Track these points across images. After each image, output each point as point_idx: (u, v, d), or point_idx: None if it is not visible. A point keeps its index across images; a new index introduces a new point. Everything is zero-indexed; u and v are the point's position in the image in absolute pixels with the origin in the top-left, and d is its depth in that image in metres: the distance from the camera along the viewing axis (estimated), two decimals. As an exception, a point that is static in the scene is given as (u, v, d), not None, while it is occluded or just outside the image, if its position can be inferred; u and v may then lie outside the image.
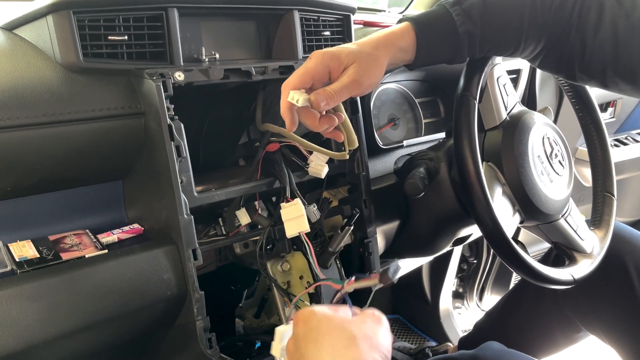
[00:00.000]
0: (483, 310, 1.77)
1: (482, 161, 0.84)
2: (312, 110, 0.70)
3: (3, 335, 0.62)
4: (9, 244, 0.70)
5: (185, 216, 0.71)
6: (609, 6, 0.76)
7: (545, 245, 1.05)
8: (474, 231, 1.06)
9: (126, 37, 0.73)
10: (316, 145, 0.83)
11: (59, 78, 0.70)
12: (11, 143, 0.65)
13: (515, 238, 0.85)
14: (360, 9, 1.50)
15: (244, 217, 0.83)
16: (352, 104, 0.89)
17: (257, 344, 0.98)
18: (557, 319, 1.13)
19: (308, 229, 0.78)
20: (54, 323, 0.65)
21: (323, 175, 0.85)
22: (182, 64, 0.76)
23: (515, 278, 1.74)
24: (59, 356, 0.70)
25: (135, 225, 0.78)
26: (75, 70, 0.71)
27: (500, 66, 0.92)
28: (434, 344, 1.51)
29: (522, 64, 1.38)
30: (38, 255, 0.68)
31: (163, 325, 0.79)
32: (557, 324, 1.14)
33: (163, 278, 0.72)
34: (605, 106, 1.79)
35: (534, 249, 1.66)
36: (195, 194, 0.73)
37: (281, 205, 0.80)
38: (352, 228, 0.89)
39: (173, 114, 0.71)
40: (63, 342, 0.67)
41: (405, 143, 1.11)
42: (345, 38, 0.95)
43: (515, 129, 0.90)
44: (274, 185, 0.83)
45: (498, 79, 0.91)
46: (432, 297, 1.65)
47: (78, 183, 0.76)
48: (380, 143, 1.06)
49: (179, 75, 0.72)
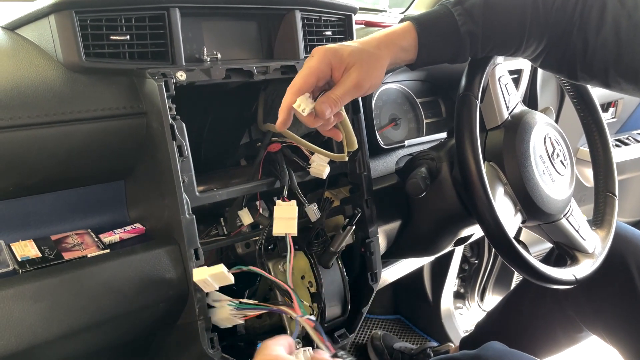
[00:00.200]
0: (484, 310, 1.77)
1: (484, 161, 0.84)
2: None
3: (5, 335, 0.62)
4: (11, 244, 0.70)
5: (187, 216, 0.71)
6: (611, 6, 0.76)
7: (547, 245, 1.05)
8: (475, 231, 1.06)
9: (128, 37, 0.73)
10: (316, 147, 0.83)
11: (61, 78, 0.70)
12: (13, 143, 0.65)
13: (517, 238, 0.85)
14: (362, 9, 1.50)
15: (247, 217, 0.83)
16: (354, 104, 0.89)
17: (259, 344, 0.98)
18: (559, 319, 1.13)
19: (295, 232, 0.77)
20: (56, 323, 0.65)
21: (324, 176, 0.85)
22: (184, 63, 0.76)
23: (516, 278, 1.74)
24: (61, 356, 0.70)
25: (137, 225, 0.78)
26: (77, 70, 0.71)
27: (502, 66, 0.92)
28: (435, 344, 1.51)
29: (524, 64, 1.37)
30: (40, 255, 0.68)
31: (165, 325, 0.79)
32: (559, 324, 1.14)
33: (165, 278, 0.72)
34: (606, 106, 1.79)
35: (535, 248, 1.66)
36: (197, 193, 0.73)
37: (277, 202, 0.79)
38: (354, 228, 0.89)
39: (175, 113, 0.71)
40: (65, 342, 0.67)
41: (406, 143, 1.11)
42: (347, 38, 0.95)
43: (517, 128, 0.90)
44: (275, 185, 0.83)
45: (500, 78, 0.91)
46: (434, 297, 1.65)
47: (80, 183, 0.76)
48: (381, 143, 1.06)
49: (181, 75, 0.72)
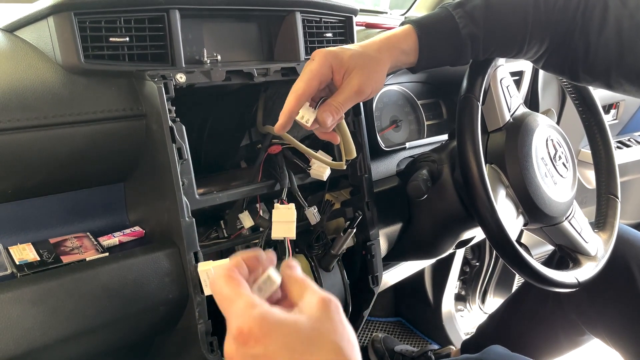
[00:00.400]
0: (486, 313, 1.76)
1: (486, 163, 0.84)
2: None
3: (3, 339, 0.61)
4: (9, 247, 0.69)
5: (187, 219, 0.71)
6: (612, 6, 0.76)
7: (549, 248, 1.05)
8: (477, 234, 1.06)
9: (127, 39, 0.72)
10: (314, 153, 0.83)
11: (60, 80, 0.69)
12: (12, 145, 0.65)
13: (518, 240, 0.85)
14: (362, 10, 1.50)
15: (247, 220, 0.82)
16: (355, 107, 0.89)
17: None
18: (561, 322, 1.13)
19: (294, 236, 0.77)
20: (55, 327, 0.64)
21: (325, 178, 0.84)
22: (184, 65, 0.75)
23: (518, 281, 1.73)
24: (59, 360, 0.69)
25: (137, 228, 0.78)
26: (77, 72, 0.70)
27: (503, 68, 0.92)
28: (436, 347, 1.51)
29: (525, 66, 1.37)
30: (38, 259, 0.68)
31: (164, 329, 0.78)
32: (561, 327, 1.13)
33: (164, 281, 0.71)
34: (608, 108, 1.79)
35: (537, 251, 1.66)
36: (197, 196, 0.73)
37: (275, 205, 0.79)
38: (355, 230, 0.88)
39: (175, 115, 0.70)
40: (64, 346, 0.66)
41: (407, 145, 1.11)
42: (348, 39, 0.95)
43: (518, 130, 0.89)
44: (275, 188, 0.82)
45: (501, 80, 0.90)
46: (435, 300, 1.65)
47: (79, 185, 0.76)
48: (382, 145, 1.05)
49: (181, 77, 0.71)
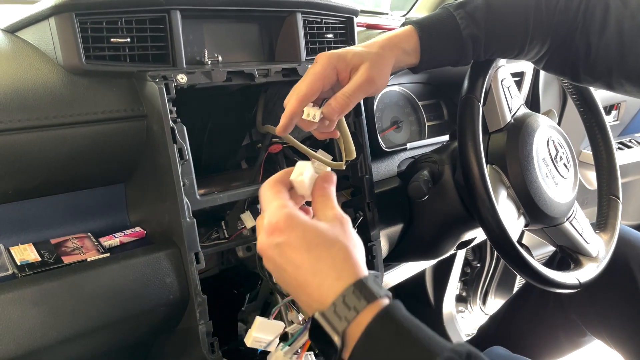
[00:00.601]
0: (487, 314, 1.76)
1: (487, 164, 0.84)
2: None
3: (4, 340, 0.61)
4: (10, 248, 0.69)
5: (188, 219, 0.71)
6: (613, 7, 0.76)
7: (550, 249, 1.05)
8: (478, 234, 1.05)
9: (129, 40, 0.72)
10: (314, 153, 0.82)
11: (61, 80, 0.69)
12: (13, 146, 0.65)
13: (519, 241, 0.85)
14: (363, 11, 1.50)
15: (249, 221, 0.82)
16: (356, 107, 0.88)
17: (259, 350, 0.97)
18: (562, 323, 1.12)
19: None
20: (56, 327, 0.64)
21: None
22: (185, 66, 0.76)
23: (519, 282, 1.73)
24: (60, 361, 0.69)
25: (138, 229, 0.78)
26: (78, 73, 0.70)
27: (505, 68, 0.91)
28: (437, 348, 1.50)
29: (526, 67, 1.37)
30: (39, 259, 0.68)
31: (165, 330, 0.78)
32: (562, 328, 1.13)
33: (165, 282, 0.71)
34: (609, 109, 1.78)
35: (538, 252, 1.66)
36: (198, 196, 0.73)
37: None
38: (356, 231, 0.88)
39: (175, 116, 0.70)
40: (64, 347, 0.66)
41: (408, 146, 1.11)
42: (349, 40, 0.95)
43: (519, 131, 0.89)
44: (277, 188, 0.82)
45: (502, 81, 0.90)
46: (436, 301, 1.64)
47: (80, 186, 0.76)
48: (383, 146, 1.05)
49: (182, 78, 0.71)
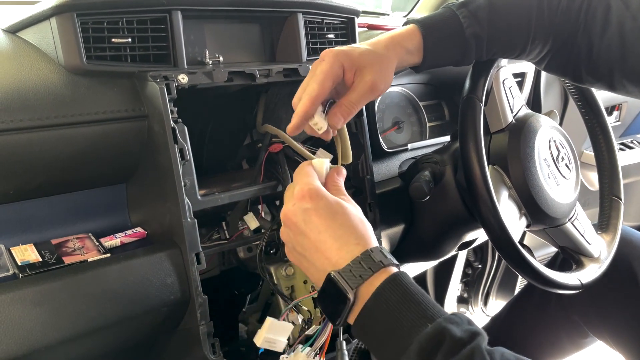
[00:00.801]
0: (488, 315, 1.76)
1: (488, 164, 0.83)
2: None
3: (5, 340, 0.61)
4: (11, 248, 0.69)
5: (189, 220, 0.71)
6: (615, 8, 0.76)
7: (552, 250, 1.04)
8: (479, 235, 1.05)
9: (130, 40, 0.72)
10: (311, 154, 0.82)
11: (62, 81, 0.69)
12: (14, 146, 0.65)
13: (521, 242, 0.85)
14: (364, 12, 1.50)
15: (252, 222, 0.82)
16: (357, 107, 0.89)
17: (261, 350, 0.97)
18: (564, 324, 1.12)
19: None
20: (56, 328, 0.64)
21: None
22: (186, 66, 0.75)
23: (520, 283, 1.73)
24: (61, 361, 0.69)
25: (138, 229, 0.78)
26: (79, 73, 0.70)
27: (506, 69, 0.91)
28: (438, 349, 1.50)
29: (528, 67, 1.37)
30: (40, 259, 0.68)
31: (166, 330, 0.78)
32: (564, 330, 1.13)
33: (166, 282, 0.71)
34: (610, 110, 1.78)
35: (540, 253, 1.65)
36: (199, 197, 0.72)
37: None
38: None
39: (177, 116, 0.70)
40: (65, 347, 0.66)
41: (409, 146, 1.10)
42: (350, 41, 0.95)
43: (521, 131, 0.89)
44: (278, 189, 0.82)
45: (504, 81, 0.90)
46: (437, 302, 1.64)
47: (81, 186, 0.76)
48: (384, 146, 1.05)
49: (183, 78, 0.71)
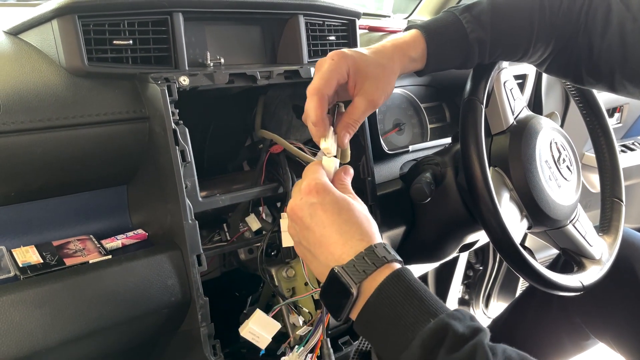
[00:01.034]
0: (489, 317, 1.75)
1: (489, 166, 0.83)
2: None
3: (6, 342, 0.61)
4: (12, 250, 0.69)
5: (190, 221, 0.71)
6: (615, 9, 0.76)
7: (553, 252, 1.04)
8: (480, 237, 1.05)
9: (131, 42, 0.72)
10: (308, 156, 0.82)
11: (63, 82, 0.69)
12: (15, 148, 0.65)
13: (522, 244, 0.84)
14: (365, 14, 1.50)
15: (254, 223, 0.82)
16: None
17: (262, 351, 0.97)
18: (566, 327, 1.12)
19: None
20: (57, 329, 0.64)
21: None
22: (187, 68, 0.76)
23: (522, 285, 1.72)
24: (62, 363, 0.69)
25: (140, 231, 0.78)
26: (80, 75, 0.70)
27: (507, 71, 0.91)
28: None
29: (528, 69, 1.37)
30: (41, 261, 0.68)
31: (167, 332, 0.78)
32: (566, 332, 1.12)
33: (167, 284, 0.71)
34: (611, 111, 1.78)
35: (541, 255, 1.65)
36: (200, 199, 0.73)
37: (282, 214, 0.78)
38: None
39: (178, 118, 0.70)
40: (66, 349, 0.66)
41: (410, 148, 1.10)
42: (351, 43, 0.95)
43: (522, 133, 0.89)
44: (279, 191, 0.82)
45: (505, 83, 0.90)
46: (438, 303, 1.63)
47: (82, 188, 0.76)
48: (385, 148, 1.05)
49: (184, 80, 0.72)
